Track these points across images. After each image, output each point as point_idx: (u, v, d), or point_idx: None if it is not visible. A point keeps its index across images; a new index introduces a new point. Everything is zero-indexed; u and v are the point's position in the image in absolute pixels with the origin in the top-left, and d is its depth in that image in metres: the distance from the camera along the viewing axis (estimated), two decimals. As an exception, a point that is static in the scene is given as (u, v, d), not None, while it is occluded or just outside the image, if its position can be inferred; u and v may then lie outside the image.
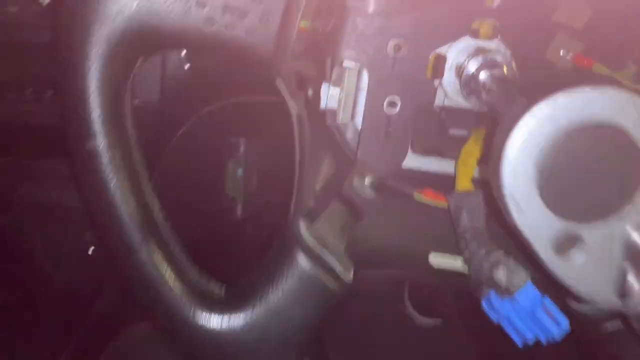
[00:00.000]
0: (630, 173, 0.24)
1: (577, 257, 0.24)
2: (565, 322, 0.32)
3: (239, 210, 0.75)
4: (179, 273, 0.34)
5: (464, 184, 0.39)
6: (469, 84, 0.39)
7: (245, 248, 0.77)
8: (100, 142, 0.31)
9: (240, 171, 0.74)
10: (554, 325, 0.32)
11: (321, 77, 0.42)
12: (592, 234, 0.24)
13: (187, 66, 0.58)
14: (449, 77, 0.41)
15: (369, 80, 0.41)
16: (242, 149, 0.74)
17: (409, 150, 0.43)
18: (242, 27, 0.30)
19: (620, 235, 0.24)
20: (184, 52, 0.57)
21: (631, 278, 0.24)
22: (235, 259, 0.72)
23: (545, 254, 0.24)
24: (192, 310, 0.33)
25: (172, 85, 0.61)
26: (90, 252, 0.65)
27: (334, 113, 0.42)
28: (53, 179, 0.60)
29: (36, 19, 0.53)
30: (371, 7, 0.41)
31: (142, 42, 0.30)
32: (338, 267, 0.35)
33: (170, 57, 0.58)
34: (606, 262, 0.25)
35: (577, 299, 0.36)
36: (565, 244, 0.24)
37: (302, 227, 0.36)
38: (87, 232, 0.62)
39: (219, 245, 0.73)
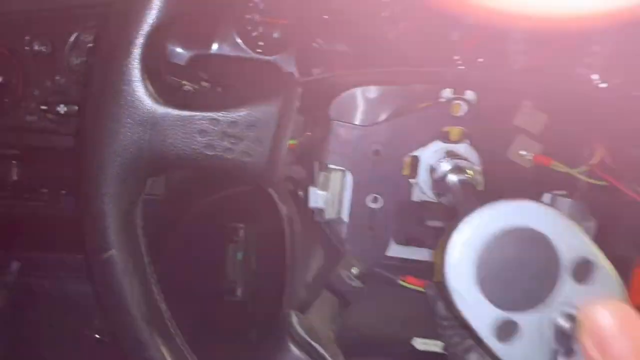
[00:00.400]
0: (550, 268, 0.28)
1: (515, 342, 0.28)
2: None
3: (239, 292, 0.78)
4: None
5: (439, 276, 0.43)
6: (438, 185, 0.44)
7: (247, 327, 0.80)
8: (116, 252, 0.36)
9: (239, 255, 0.78)
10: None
11: (310, 179, 0.47)
12: (526, 320, 0.28)
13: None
14: (423, 176, 0.46)
15: (352, 181, 0.46)
16: (241, 233, 0.78)
17: (392, 241, 0.48)
18: (239, 150, 0.36)
19: (549, 321, 0.28)
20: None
21: (561, 358, 0.28)
22: (237, 337, 0.75)
23: (488, 339, 0.28)
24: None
25: (176, 178, 0.67)
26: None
27: (321, 211, 0.46)
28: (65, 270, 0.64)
29: (52, 125, 0.59)
30: (352, 119, 0.47)
31: (151, 166, 0.36)
32: (327, 357, 0.38)
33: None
34: (539, 346, 0.28)
35: None
36: (504, 330, 0.28)
37: (294, 319, 0.39)
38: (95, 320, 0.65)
39: (222, 325, 0.76)
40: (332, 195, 0.46)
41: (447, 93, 0.46)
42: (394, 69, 0.45)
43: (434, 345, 0.44)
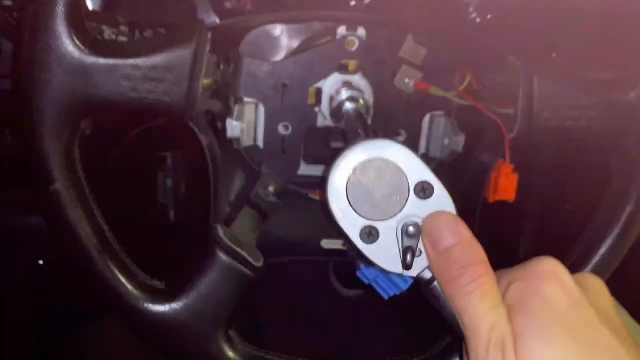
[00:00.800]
0: (401, 189, 0.38)
1: (376, 243, 0.38)
2: (409, 280, 0.46)
3: (171, 215, 0.85)
4: (129, 276, 0.45)
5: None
6: (336, 112, 0.52)
7: (179, 246, 0.88)
8: (60, 184, 0.42)
9: (169, 181, 0.84)
10: (402, 281, 0.46)
11: (227, 111, 0.54)
12: (384, 227, 0.38)
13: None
14: (325, 105, 0.54)
15: (265, 112, 0.53)
16: (169, 161, 0.84)
17: (302, 162, 0.56)
18: (159, 92, 0.41)
19: (401, 227, 0.38)
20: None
21: (409, 256, 0.38)
22: (171, 256, 0.83)
23: (357, 241, 0.38)
24: (142, 302, 0.44)
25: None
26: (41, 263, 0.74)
27: (238, 140, 0.53)
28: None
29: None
30: (261, 56, 0.53)
31: (83, 109, 0.41)
32: (250, 258, 0.47)
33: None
34: (394, 246, 0.38)
35: None
36: (368, 234, 0.38)
37: (220, 231, 0.47)
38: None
39: (157, 247, 0.83)
40: (247, 125, 0.53)
41: (342, 30, 0.53)
42: (295, 12, 0.51)
43: (338, 244, 0.53)
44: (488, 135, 0.51)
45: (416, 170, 0.38)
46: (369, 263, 0.39)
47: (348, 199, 0.38)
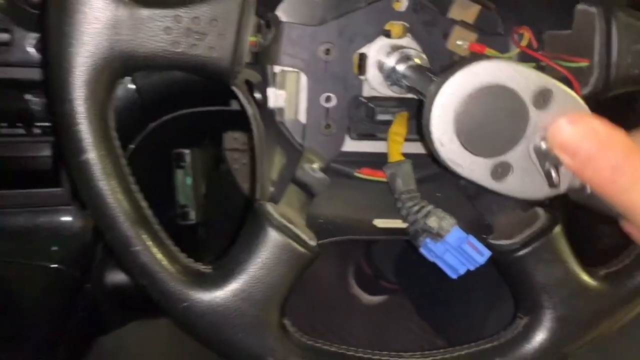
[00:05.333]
0: (516, 108, 0.33)
1: (512, 176, 0.33)
2: (487, 251, 0.41)
3: (192, 216, 0.80)
4: (172, 258, 0.40)
5: (395, 156, 0.47)
6: (390, 76, 0.47)
7: (201, 250, 0.82)
8: (92, 154, 0.37)
9: (189, 180, 0.79)
10: (478, 255, 0.41)
11: (265, 82, 0.49)
12: (514, 156, 0.33)
13: (132, 87, 0.63)
14: (372, 72, 0.49)
15: (307, 81, 0.49)
16: (187, 158, 0.79)
17: (347, 137, 0.51)
18: (203, 46, 0.37)
19: (532, 147, 0.33)
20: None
21: (554, 174, 0.33)
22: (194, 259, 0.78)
23: (490, 184, 0.33)
24: (187, 289, 0.39)
25: (118, 106, 0.66)
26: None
27: (281, 111, 0.49)
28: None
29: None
30: (301, 20, 0.48)
31: (119, 67, 0.36)
32: (304, 236, 0.42)
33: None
34: (531, 170, 0.34)
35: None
36: (500, 171, 0.33)
37: (270, 207, 0.42)
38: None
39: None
40: (289, 96, 0.49)
41: None
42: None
43: (392, 223, 0.48)
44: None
45: (526, 80, 0.33)
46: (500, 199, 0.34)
47: (463, 145, 0.33)
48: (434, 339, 1.05)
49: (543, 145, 0.33)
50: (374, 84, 0.49)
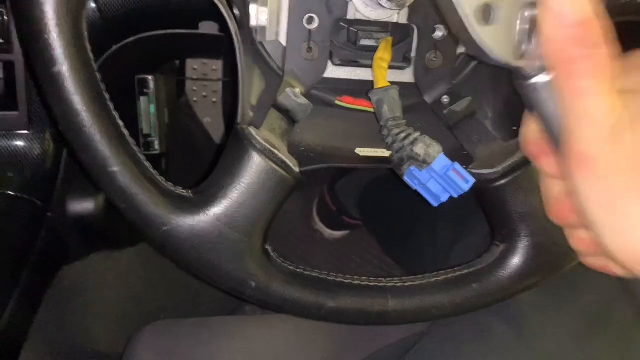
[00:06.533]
0: None
1: (492, 24, 0.30)
2: (472, 179, 0.41)
3: (156, 146, 0.77)
4: (152, 181, 0.38)
5: (381, 82, 0.46)
6: None
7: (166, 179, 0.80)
8: (66, 66, 0.34)
9: (152, 108, 0.76)
10: (463, 182, 0.41)
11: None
12: (503, 4, 0.30)
13: (92, 6, 0.59)
14: None
15: (289, 0, 0.46)
16: (151, 86, 0.75)
17: (329, 63, 0.50)
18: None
19: (522, 5, 0.30)
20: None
21: (526, 43, 0.30)
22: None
23: (470, 21, 0.30)
24: (170, 212, 0.38)
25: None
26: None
27: (263, 30, 0.46)
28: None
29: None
30: None
31: None
32: (288, 161, 0.41)
33: None
34: (511, 29, 0.31)
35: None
36: (483, 13, 0.30)
37: (253, 132, 0.41)
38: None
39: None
40: (270, 15, 0.46)
41: None
42: None
43: (373, 152, 0.48)
44: None
45: None
46: (477, 50, 0.32)
47: None
48: (394, 271, 1.09)
49: (532, 10, 0.30)
50: (358, 6, 0.47)
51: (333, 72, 0.50)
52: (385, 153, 0.46)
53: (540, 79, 0.31)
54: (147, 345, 0.61)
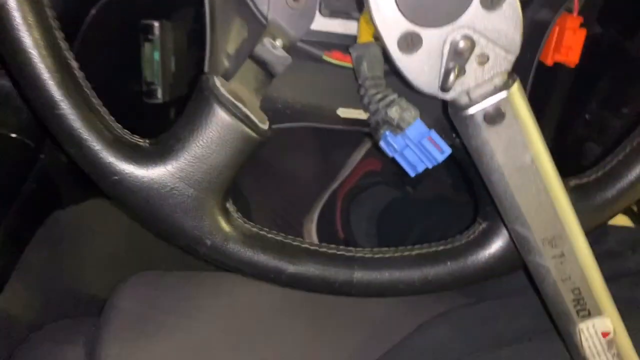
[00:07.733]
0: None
1: (415, 54, 0.30)
2: (447, 148, 0.38)
3: (159, 94, 0.75)
4: (104, 126, 0.36)
5: (365, 36, 0.43)
6: None
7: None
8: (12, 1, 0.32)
9: (157, 55, 0.74)
10: (438, 152, 0.38)
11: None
12: (429, 35, 0.30)
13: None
14: None
15: None
16: (156, 31, 0.73)
17: (317, 13, 0.46)
18: None
19: (450, 41, 0.30)
20: None
21: (452, 76, 0.30)
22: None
23: (393, 48, 0.30)
24: (120, 161, 0.36)
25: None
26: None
27: (244, -26, 0.43)
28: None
29: None
30: None
31: None
32: (254, 117, 0.38)
33: None
34: (435, 61, 0.31)
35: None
36: (408, 41, 0.30)
37: (218, 82, 0.38)
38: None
39: (142, 130, 0.75)
40: (253, -42, 0.43)
41: None
42: None
43: (356, 114, 0.45)
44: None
45: None
46: (401, 78, 0.32)
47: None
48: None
49: (462, 44, 0.30)
50: None
51: (322, 24, 0.47)
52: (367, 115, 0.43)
53: (470, 111, 0.31)
54: (130, 295, 0.61)
